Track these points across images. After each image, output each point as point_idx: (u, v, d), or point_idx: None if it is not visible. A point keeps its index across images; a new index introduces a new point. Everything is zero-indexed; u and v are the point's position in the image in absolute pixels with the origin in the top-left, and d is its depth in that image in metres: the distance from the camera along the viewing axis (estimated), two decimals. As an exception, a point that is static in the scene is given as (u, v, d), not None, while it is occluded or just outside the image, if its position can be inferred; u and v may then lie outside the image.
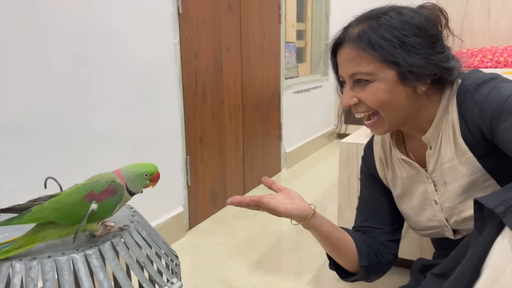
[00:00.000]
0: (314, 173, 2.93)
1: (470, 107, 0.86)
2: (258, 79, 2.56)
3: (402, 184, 1.04)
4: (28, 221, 0.72)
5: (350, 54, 0.88)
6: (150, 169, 0.82)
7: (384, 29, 0.84)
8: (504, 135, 0.79)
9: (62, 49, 1.33)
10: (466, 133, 0.88)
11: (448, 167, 0.93)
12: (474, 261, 0.77)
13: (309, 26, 3.65)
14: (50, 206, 0.73)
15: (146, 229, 0.92)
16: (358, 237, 1.04)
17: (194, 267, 1.66)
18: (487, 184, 0.89)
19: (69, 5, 1.34)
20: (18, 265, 0.70)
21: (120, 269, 0.78)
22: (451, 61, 0.88)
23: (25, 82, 1.23)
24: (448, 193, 0.95)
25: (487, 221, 0.77)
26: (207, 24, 2.01)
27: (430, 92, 0.90)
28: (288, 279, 1.54)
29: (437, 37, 0.87)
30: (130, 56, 1.58)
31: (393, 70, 0.85)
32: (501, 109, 0.80)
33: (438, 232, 1.02)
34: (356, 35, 0.87)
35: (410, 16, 0.85)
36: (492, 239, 0.75)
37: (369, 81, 0.87)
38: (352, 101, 0.90)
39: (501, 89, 0.82)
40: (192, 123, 1.96)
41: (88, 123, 1.44)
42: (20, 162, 1.24)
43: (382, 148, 1.08)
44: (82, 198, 0.75)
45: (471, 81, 0.88)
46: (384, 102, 0.87)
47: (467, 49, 3.63)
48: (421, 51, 0.84)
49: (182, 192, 1.93)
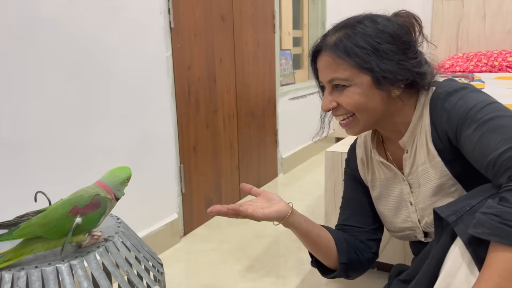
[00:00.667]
0: (311, 178, 2.98)
1: (439, 114, 0.91)
2: (252, 87, 2.62)
3: (380, 186, 1.09)
4: (17, 237, 0.77)
5: (328, 61, 0.93)
6: (128, 172, 0.91)
7: (359, 37, 0.89)
8: (465, 142, 0.84)
9: (54, 65, 1.40)
10: (436, 139, 0.93)
11: (421, 170, 0.98)
12: (432, 267, 0.83)
13: (306, 33, 3.71)
14: (37, 221, 0.79)
15: (131, 239, 0.98)
16: (338, 235, 1.07)
17: (187, 272, 1.72)
18: (453, 188, 0.94)
19: (62, 22, 1.41)
20: (7, 275, 0.76)
21: (103, 278, 0.83)
22: (424, 66, 0.93)
23: (18, 97, 1.30)
24: (421, 195, 1.00)
25: (444, 230, 0.82)
26: (200, 36, 2.07)
27: (404, 96, 0.95)
28: (276, 284, 1.60)
29: (410, 43, 0.92)
30: (123, 70, 1.64)
31: (368, 76, 0.89)
32: (465, 117, 0.85)
33: (411, 234, 1.07)
34: (333, 43, 0.92)
35: (383, 25, 0.90)
36: (447, 247, 0.80)
37: (346, 86, 0.92)
38: (331, 105, 0.95)
39: (468, 98, 0.87)
40: (185, 132, 2.03)
41: (82, 137, 1.51)
42: (11, 176, 1.31)
43: (364, 151, 1.13)
44: (67, 212, 0.81)
45: (443, 89, 0.92)
46: (361, 105, 0.92)
47: (462, 53, 3.66)
48: (393, 57, 0.88)
49: (177, 200, 2.00)
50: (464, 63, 3.52)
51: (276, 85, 2.93)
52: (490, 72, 3.40)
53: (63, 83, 1.43)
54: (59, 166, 1.44)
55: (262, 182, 2.83)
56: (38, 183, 1.37)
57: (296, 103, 3.27)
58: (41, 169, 1.38)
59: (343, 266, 1.06)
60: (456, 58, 3.60)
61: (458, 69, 3.50)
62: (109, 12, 1.56)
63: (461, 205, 0.78)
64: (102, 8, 1.53)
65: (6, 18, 1.25)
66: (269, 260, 1.79)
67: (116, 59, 1.61)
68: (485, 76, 3.00)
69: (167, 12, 1.84)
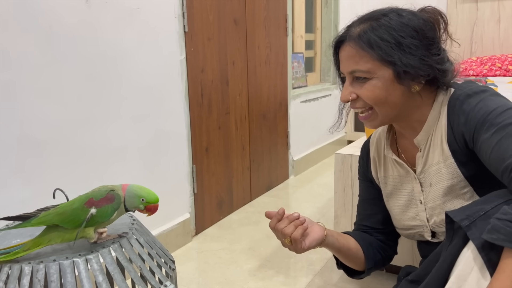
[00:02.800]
0: (321, 180, 3.00)
1: (457, 115, 0.91)
2: (264, 90, 2.65)
3: (393, 182, 1.10)
4: (35, 224, 0.82)
5: (351, 52, 0.93)
6: (149, 196, 0.89)
7: (383, 30, 0.89)
8: (482, 145, 0.84)
9: (72, 68, 1.45)
10: (452, 140, 0.93)
11: (434, 170, 0.98)
12: (442, 270, 0.84)
13: (319, 36, 3.73)
14: (54, 211, 0.84)
15: (144, 236, 1.01)
16: (364, 241, 1.12)
17: (198, 271, 1.75)
18: (464, 190, 0.94)
19: (80, 27, 1.46)
20: (27, 268, 0.80)
21: (117, 272, 0.87)
22: (446, 63, 0.93)
23: (38, 98, 1.36)
24: (432, 194, 1.00)
25: (456, 233, 0.83)
26: (213, 40, 2.11)
27: (424, 93, 0.95)
28: (285, 284, 1.62)
29: (434, 39, 0.91)
30: (138, 73, 1.69)
31: (390, 69, 0.89)
32: (484, 120, 0.85)
33: (418, 233, 1.08)
34: (356, 34, 0.92)
35: (408, 19, 0.90)
36: (458, 250, 0.81)
37: (367, 78, 0.92)
38: (351, 97, 0.95)
39: (488, 102, 0.87)
40: (198, 134, 2.07)
41: (97, 137, 1.55)
42: (32, 174, 1.36)
43: (377, 148, 1.14)
44: (82, 204, 0.85)
45: (462, 91, 0.92)
46: (380, 99, 0.92)
47: (476, 57, 3.64)
48: (416, 52, 0.88)
49: (189, 200, 2.04)
50: (478, 67, 3.50)
51: (288, 88, 2.95)
52: (504, 76, 3.37)
53: (81, 85, 1.48)
54: (76, 165, 1.49)
55: (273, 183, 2.86)
56: (56, 181, 1.42)
57: (308, 106, 3.30)
58: (58, 167, 1.43)
59: (369, 270, 1.12)
60: (470, 62, 3.58)
61: (471, 73, 3.48)
62: (126, 16, 1.61)
63: (474, 210, 0.78)
64: (118, 13, 1.58)
65: (27, 23, 1.30)
66: (279, 260, 1.82)
67: (132, 62, 1.66)
68: (498, 80, 2.98)
69: (181, 16, 1.88)
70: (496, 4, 3.76)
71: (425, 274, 0.91)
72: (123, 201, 0.90)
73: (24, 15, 1.29)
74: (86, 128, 1.51)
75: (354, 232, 1.16)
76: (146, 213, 0.92)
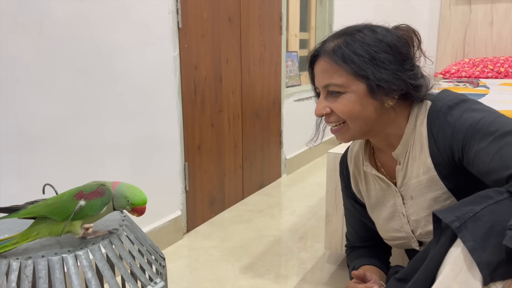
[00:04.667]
0: (314, 180, 3.00)
1: (442, 128, 0.91)
2: (258, 88, 2.65)
3: (376, 196, 1.10)
4: (23, 215, 0.82)
5: (325, 66, 0.93)
6: (134, 198, 0.87)
7: (357, 45, 0.90)
8: (478, 154, 0.84)
9: (64, 63, 1.43)
10: (435, 152, 0.93)
11: (414, 183, 0.99)
12: (429, 269, 0.84)
13: (313, 35, 3.73)
14: (43, 203, 0.84)
15: (135, 233, 1.01)
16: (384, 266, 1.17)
17: (189, 268, 1.75)
18: (448, 202, 0.95)
19: (72, 22, 1.44)
20: (14, 263, 0.79)
21: (107, 269, 0.86)
22: (420, 79, 0.94)
23: (30, 94, 1.34)
24: (414, 207, 1.01)
25: (443, 232, 0.83)
26: (207, 37, 2.11)
27: (398, 107, 0.95)
28: (276, 282, 1.62)
29: (407, 55, 0.93)
30: (131, 69, 1.68)
31: (363, 84, 0.90)
32: (474, 130, 0.85)
33: (405, 243, 1.09)
34: (331, 49, 0.93)
35: (382, 35, 0.91)
36: (446, 250, 0.81)
37: (341, 92, 0.92)
38: (325, 111, 0.96)
39: (473, 112, 0.88)
40: (190, 131, 2.06)
41: (89, 133, 1.54)
42: (22, 169, 1.35)
43: (355, 164, 1.14)
44: (72, 196, 0.84)
45: (443, 102, 0.93)
46: (354, 113, 0.92)
47: (469, 59, 3.67)
48: (389, 67, 0.89)
49: (180, 197, 2.03)
50: (470, 69, 3.53)
51: (282, 87, 2.95)
52: (496, 78, 3.41)
53: (72, 81, 1.47)
54: (67, 161, 1.47)
55: (266, 182, 2.86)
56: (47, 177, 1.41)
57: (301, 104, 3.30)
58: (50, 163, 1.42)
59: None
60: (462, 63, 3.61)
61: (464, 74, 3.51)
62: (119, 11, 1.60)
63: (464, 211, 0.78)
64: (111, 8, 1.57)
65: (19, 17, 1.29)
66: (270, 259, 1.82)
67: (125, 57, 1.65)
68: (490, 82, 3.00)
69: (175, 12, 1.87)
70: (489, 6, 3.79)
71: (412, 272, 0.91)
72: (112, 199, 0.90)
73: (15, 9, 1.27)
74: (78, 124, 1.50)
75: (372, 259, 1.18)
76: (134, 214, 0.91)
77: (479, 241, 0.74)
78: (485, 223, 0.75)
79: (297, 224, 2.18)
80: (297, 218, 2.27)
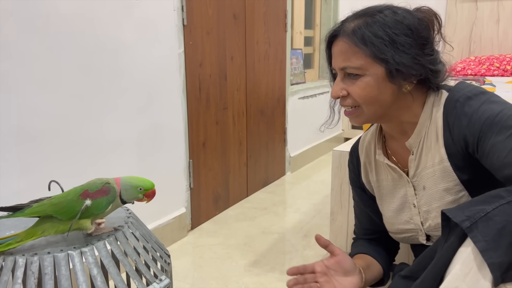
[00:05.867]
0: (318, 177, 3.00)
1: (458, 118, 0.89)
2: (262, 85, 2.64)
3: (386, 186, 1.08)
4: (28, 214, 0.82)
5: (343, 47, 0.91)
6: (146, 184, 0.89)
7: (377, 26, 0.87)
8: (493, 148, 0.82)
9: (70, 60, 1.43)
10: (449, 143, 0.92)
11: (428, 173, 0.97)
12: (438, 268, 0.83)
13: (318, 32, 3.72)
14: (49, 202, 0.83)
15: (140, 230, 1.01)
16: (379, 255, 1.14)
17: (194, 265, 1.75)
18: (460, 194, 0.93)
19: (78, 18, 1.44)
20: (21, 260, 0.79)
21: (112, 266, 0.87)
22: (438, 64, 0.92)
23: (35, 90, 1.34)
24: (426, 197, 0.99)
25: (452, 231, 0.82)
26: (212, 34, 2.10)
27: (415, 93, 0.94)
28: (279, 280, 1.62)
29: (427, 39, 0.90)
30: (136, 65, 1.68)
31: (382, 67, 0.88)
32: (492, 122, 0.83)
33: (412, 237, 1.07)
34: (350, 30, 0.90)
35: (403, 16, 0.89)
36: (455, 249, 0.80)
37: (359, 75, 0.90)
38: (342, 93, 0.93)
39: (492, 104, 0.86)
40: (195, 129, 2.06)
41: (94, 129, 1.54)
42: (27, 166, 1.35)
43: (367, 153, 1.12)
44: (77, 195, 0.85)
45: (461, 93, 0.91)
46: (371, 97, 0.90)
47: (475, 56, 3.64)
48: (410, 51, 0.87)
49: (185, 194, 2.03)
50: (476, 67, 3.50)
51: (286, 84, 2.95)
52: (502, 76, 3.38)
53: (78, 77, 1.47)
54: (72, 158, 1.47)
55: (270, 180, 2.85)
56: (52, 173, 1.41)
57: (305, 102, 3.29)
58: (56, 159, 1.42)
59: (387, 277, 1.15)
60: (468, 61, 3.58)
61: (469, 72, 3.49)
62: (124, 8, 1.60)
63: (474, 211, 0.76)
64: (116, 5, 1.57)
65: (25, 14, 1.29)
66: (274, 256, 1.82)
67: (130, 54, 1.65)
68: (496, 80, 2.98)
69: (180, 9, 1.87)
70: (495, 4, 3.76)
71: (418, 270, 0.90)
72: (119, 194, 0.90)
73: (21, 5, 1.28)
74: (82, 120, 1.50)
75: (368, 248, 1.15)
76: (145, 200, 0.91)
77: (490, 242, 0.73)
78: (496, 224, 0.74)
79: (301, 222, 2.18)
80: (302, 215, 2.27)
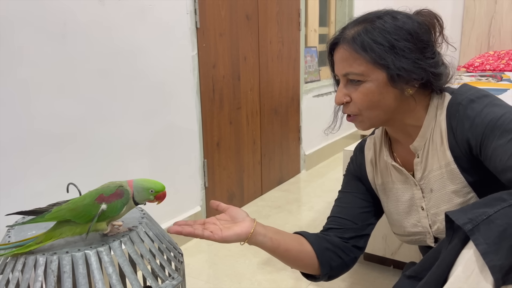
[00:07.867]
0: (333, 175, 3.01)
1: (461, 121, 0.90)
2: (276, 85, 2.67)
3: (392, 189, 1.09)
4: (48, 219, 0.86)
5: (344, 54, 0.93)
6: (157, 186, 0.93)
7: (377, 33, 0.89)
8: (496, 151, 0.83)
9: (86, 65, 1.49)
10: (454, 145, 0.92)
11: (435, 175, 0.97)
12: (441, 270, 0.84)
13: (333, 30, 3.71)
14: (66, 207, 0.88)
15: (154, 229, 1.05)
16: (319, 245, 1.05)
17: (208, 263, 1.79)
18: (469, 196, 0.94)
19: (94, 24, 1.49)
20: (41, 259, 0.84)
21: (127, 264, 0.91)
22: (440, 67, 0.92)
23: (53, 95, 1.40)
24: (434, 200, 1.00)
25: (456, 233, 0.83)
26: (225, 36, 2.13)
27: (418, 96, 0.94)
28: (292, 277, 1.65)
29: (428, 42, 0.91)
30: (150, 69, 1.72)
31: (383, 72, 0.89)
32: (494, 126, 0.84)
33: (420, 239, 1.08)
34: (350, 37, 0.92)
35: (403, 22, 0.90)
36: (458, 251, 0.81)
37: (361, 81, 0.92)
38: (345, 99, 0.95)
39: (494, 107, 0.86)
40: (209, 129, 2.10)
41: (111, 132, 1.60)
42: (47, 168, 1.41)
43: (374, 153, 1.12)
44: (93, 200, 0.89)
45: (464, 96, 0.92)
46: (374, 102, 0.92)
47: (494, 51, 3.58)
48: (410, 55, 0.88)
49: (200, 193, 2.07)
50: (495, 62, 3.44)
51: (300, 82, 2.96)
52: (522, 71, 3.31)
53: (94, 82, 1.52)
54: (90, 160, 1.53)
55: (285, 178, 2.88)
56: (70, 175, 1.47)
57: (320, 100, 3.30)
58: (74, 162, 1.48)
59: (325, 275, 1.06)
60: (487, 56, 3.52)
61: (488, 68, 3.43)
62: (138, 13, 1.64)
63: (477, 213, 0.77)
64: (131, 10, 1.61)
65: (43, 21, 1.34)
66: (287, 254, 1.84)
67: (144, 58, 1.69)
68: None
69: (193, 12, 1.90)
70: (515, -3, 3.68)
71: (422, 270, 0.91)
72: (132, 196, 0.94)
73: (39, 13, 1.33)
74: (99, 123, 1.55)
75: (311, 234, 1.08)
76: (156, 202, 0.96)
77: (491, 245, 0.74)
78: (498, 226, 0.75)
79: (315, 220, 2.20)
80: (316, 214, 2.29)
